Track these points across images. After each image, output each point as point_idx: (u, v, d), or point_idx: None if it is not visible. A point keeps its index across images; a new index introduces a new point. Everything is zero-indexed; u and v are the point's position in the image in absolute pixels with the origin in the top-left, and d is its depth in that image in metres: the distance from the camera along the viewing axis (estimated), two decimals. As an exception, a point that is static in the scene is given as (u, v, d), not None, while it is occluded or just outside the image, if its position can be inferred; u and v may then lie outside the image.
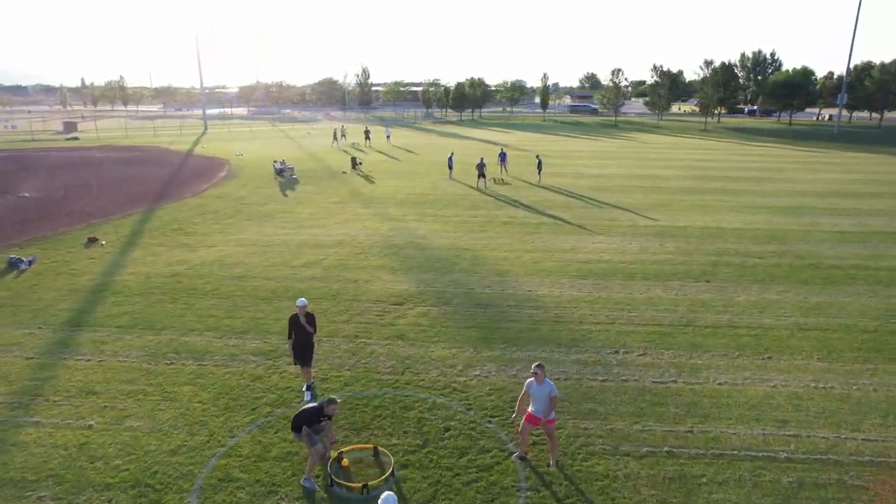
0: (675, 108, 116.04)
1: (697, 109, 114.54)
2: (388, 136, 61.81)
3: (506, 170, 39.35)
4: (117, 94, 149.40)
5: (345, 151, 51.68)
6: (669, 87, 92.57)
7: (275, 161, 37.99)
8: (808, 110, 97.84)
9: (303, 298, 10.93)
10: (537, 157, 35.97)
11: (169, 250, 20.64)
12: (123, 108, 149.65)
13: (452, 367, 12.21)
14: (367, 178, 37.30)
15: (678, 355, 12.82)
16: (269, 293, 16.37)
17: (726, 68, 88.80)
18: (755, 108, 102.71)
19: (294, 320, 10.70)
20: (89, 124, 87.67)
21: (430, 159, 46.64)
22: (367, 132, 58.38)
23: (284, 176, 36.84)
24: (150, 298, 15.91)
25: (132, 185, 34.02)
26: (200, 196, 30.86)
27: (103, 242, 21.59)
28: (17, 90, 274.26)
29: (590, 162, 46.30)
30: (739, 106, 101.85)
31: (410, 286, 16.98)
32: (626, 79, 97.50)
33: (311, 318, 10.80)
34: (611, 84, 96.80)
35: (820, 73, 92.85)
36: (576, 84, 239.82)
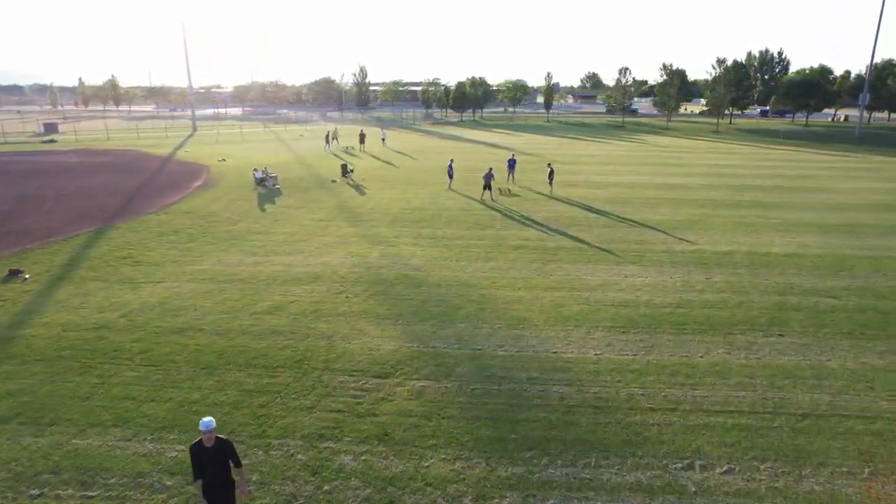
0: (680, 109, 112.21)
1: (706, 110, 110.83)
2: (383, 139, 57.85)
3: (513, 178, 35.53)
4: (109, 93, 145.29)
5: (336, 156, 47.82)
6: (679, 86, 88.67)
7: (255, 169, 34.09)
8: (821, 111, 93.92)
9: (209, 419, 6.96)
10: (549, 165, 32.11)
11: (106, 288, 16.77)
12: (115, 109, 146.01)
13: (457, 499, 8.34)
14: (358, 187, 33.43)
15: (780, 471, 8.96)
16: (214, 357, 12.51)
17: (739, 67, 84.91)
18: (768, 108, 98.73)
19: (197, 453, 6.85)
20: (72, 125, 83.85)
21: (428, 165, 42.78)
22: (361, 135, 54.47)
23: (266, 186, 32.98)
24: (55, 367, 12.05)
25: (93, 198, 30.15)
26: (166, 211, 26.99)
27: (27, 276, 17.71)
28: (13, 90, 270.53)
29: (603, 168, 42.41)
30: (752, 106, 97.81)
31: (400, 345, 13.11)
32: (633, 78, 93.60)
33: (225, 448, 6.96)
34: (618, 83, 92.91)
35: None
36: (577, 84, 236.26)
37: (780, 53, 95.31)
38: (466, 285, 17.05)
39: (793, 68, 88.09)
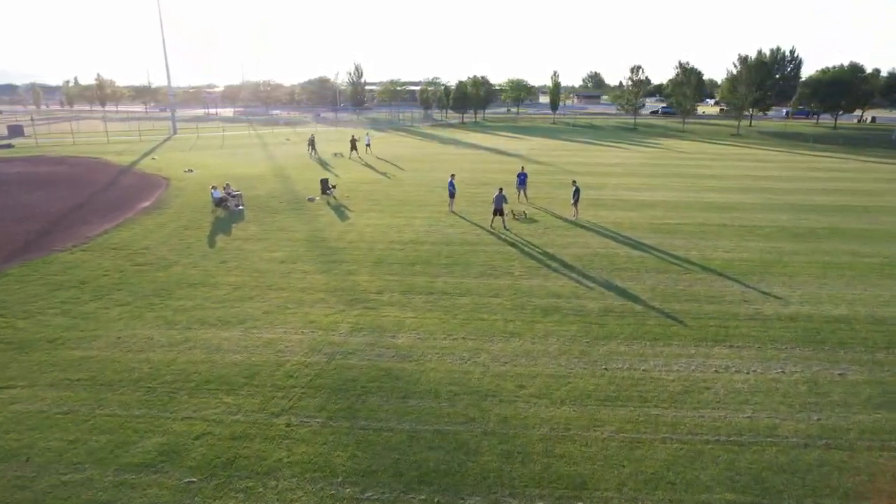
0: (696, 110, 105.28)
1: (723, 111, 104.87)
2: (367, 144, 51.28)
3: (526, 196, 29.55)
4: (95, 93, 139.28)
5: (321, 164, 41.82)
6: (697, 85, 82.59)
7: (213, 187, 27.98)
8: (852, 112, 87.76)
9: None
10: (574, 183, 26.07)
11: (-81, 398, 10.78)
12: (102, 109, 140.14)
13: None
14: (339, 209, 27.44)
15: None
16: None
17: (761, 65, 78.79)
18: (789, 109, 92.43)
19: None
20: (46, 127, 77.83)
21: (426, 177, 36.76)
22: (353, 141, 48.33)
23: (227, 207, 26.96)
24: None
25: (1, 224, 24.14)
26: (87, 246, 20.97)
27: None
28: (6, 89, 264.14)
29: (630, 182, 36.39)
30: (775, 107, 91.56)
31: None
32: (646, 77, 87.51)
33: None
34: (629, 82, 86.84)
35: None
36: (578, 83, 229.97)
37: (792, 52, 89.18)
38: (479, 394, 11.06)
39: (832, 66, 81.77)
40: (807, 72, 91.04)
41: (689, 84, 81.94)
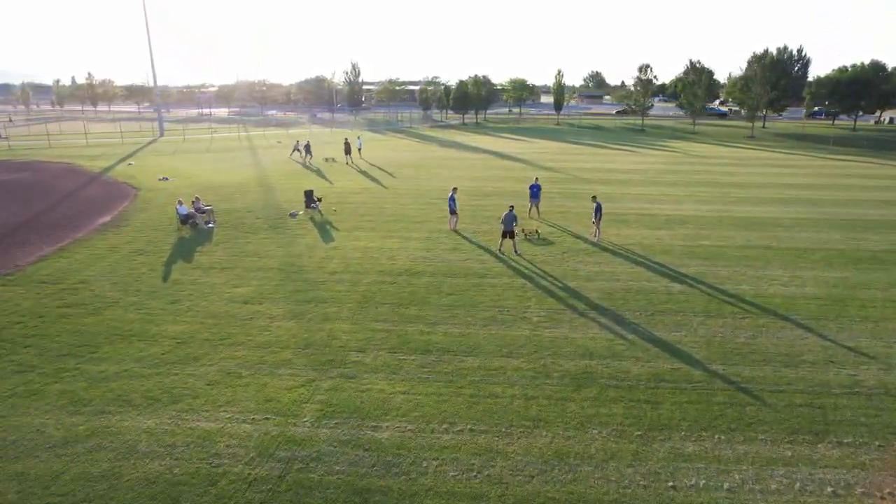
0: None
1: (731, 111, 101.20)
2: (359, 148, 46.69)
3: (538, 211, 26.02)
4: (85, 92, 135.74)
5: (311, 168, 38.25)
6: (708, 85, 78.97)
7: (179, 201, 24.33)
8: (874, 112, 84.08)
9: None
10: (594, 200, 22.43)
11: None
12: (93, 109, 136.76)
13: None
14: (324, 226, 23.89)
15: None
16: None
17: (777, 63, 75.19)
18: (815, 109, 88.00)
19: None
20: (25, 128, 74.27)
21: (424, 186, 33.17)
22: (347, 144, 44.75)
23: (195, 225, 23.39)
24: None
25: (-69, 248, 20.58)
26: (14, 277, 17.40)
27: None
28: (2, 89, 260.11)
29: (650, 191, 32.79)
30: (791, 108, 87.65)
31: None
32: (654, 76, 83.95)
33: None
34: (637, 82, 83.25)
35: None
36: (579, 83, 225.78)
37: (799, 51, 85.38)
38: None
39: (852, 64, 78.05)
40: (814, 72, 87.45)
41: (701, 84, 78.32)
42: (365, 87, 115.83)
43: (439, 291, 16.35)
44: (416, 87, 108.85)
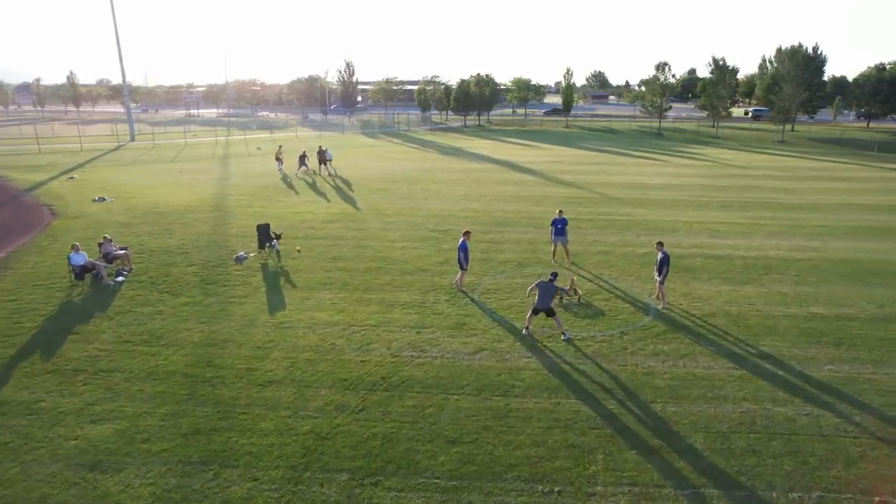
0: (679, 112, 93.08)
1: (748, 113, 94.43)
2: (329, 160, 38.20)
3: (567, 252, 19.31)
4: (68, 93, 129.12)
5: (292, 186, 31.59)
6: (734, 85, 72.30)
7: (75, 247, 17.45)
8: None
9: None
10: (659, 246, 15.54)
11: None
12: (76, 110, 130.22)
13: None
14: (276, 281, 17.25)
15: None
16: None
17: (809, 60, 68.50)
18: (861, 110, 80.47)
19: None
20: (-15, 133, 67.60)
21: (420, 209, 26.49)
22: (321, 153, 37.98)
23: (98, 278, 16.70)
24: None
25: None
26: None
27: None
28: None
29: (704, 217, 26.09)
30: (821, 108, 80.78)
31: None
32: (673, 76, 77.27)
33: None
34: (654, 81, 76.52)
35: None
36: (581, 83, 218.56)
37: (815, 49, 78.27)
38: None
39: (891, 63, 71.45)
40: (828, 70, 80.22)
41: (725, 83, 71.60)
42: (360, 86, 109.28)
43: (434, 435, 9.65)
44: (415, 87, 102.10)
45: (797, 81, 64.50)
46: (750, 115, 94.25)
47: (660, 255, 15.20)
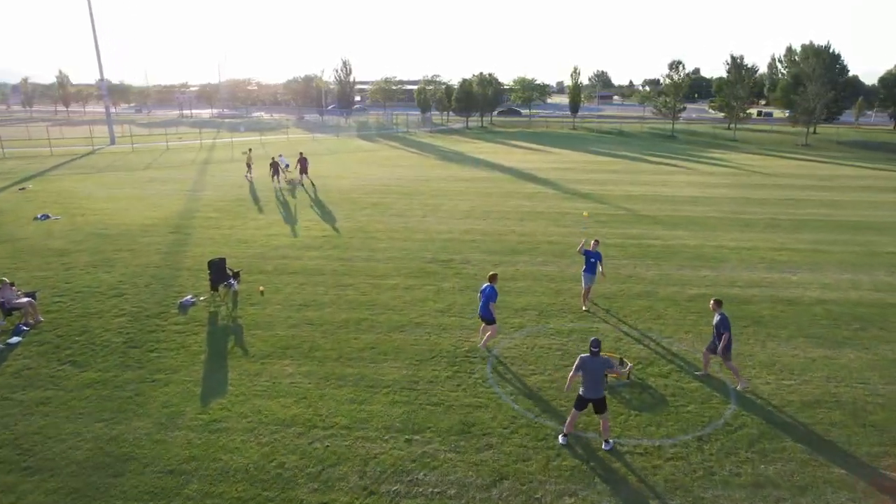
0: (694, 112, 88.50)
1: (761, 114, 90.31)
2: (286, 166, 33.54)
3: (587, 290, 15.06)
4: (57, 92, 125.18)
5: (281, 198, 27.46)
6: (752, 85, 68.10)
7: (-43, 296, 13.56)
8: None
9: None
10: (717, 307, 11.28)
11: None
12: (65, 110, 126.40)
13: None
14: (224, 341, 13.14)
15: None
16: None
17: (834, 58, 64.30)
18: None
19: None
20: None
21: (416, 231, 22.34)
22: (301, 161, 33.53)
23: (-16, 340, 12.63)
24: None
25: None
26: None
27: None
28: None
29: (754, 241, 21.92)
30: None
31: None
32: (688, 74, 73.05)
33: None
34: (668, 81, 72.34)
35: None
36: (583, 83, 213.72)
37: (827, 48, 73.78)
38: None
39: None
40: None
41: (743, 83, 67.38)
42: (358, 86, 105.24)
43: None
44: (415, 87, 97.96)
45: (823, 80, 60.24)
46: (762, 115, 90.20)
47: (716, 318, 11.05)
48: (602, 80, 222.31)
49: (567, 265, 18.41)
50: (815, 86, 60.34)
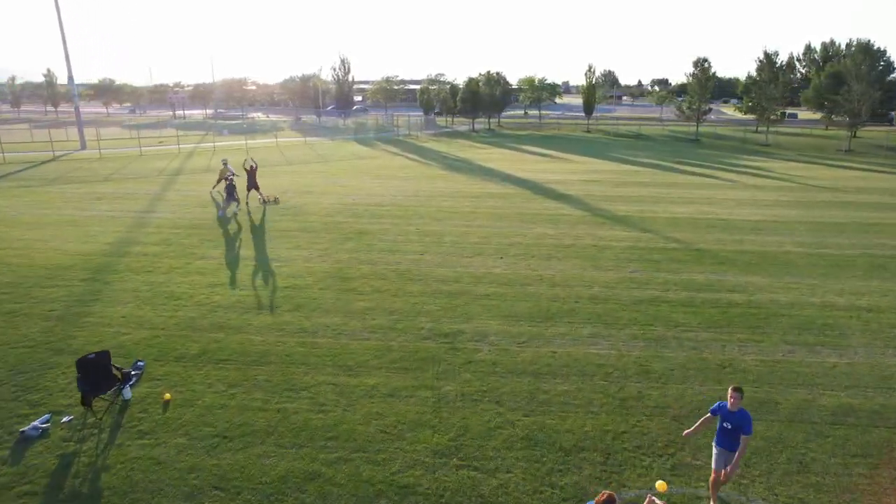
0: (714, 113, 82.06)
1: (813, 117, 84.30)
2: (231, 175, 25.53)
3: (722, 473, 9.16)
4: (46, 92, 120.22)
5: (221, 218, 21.85)
6: (786, 85, 62.15)
7: None
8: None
9: None
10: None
11: None
12: (54, 110, 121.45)
13: None
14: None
15: None
16: None
17: (878, 55, 58.33)
18: None
19: None
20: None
21: (414, 280, 16.64)
22: (251, 169, 27.16)
23: None
24: None
25: None
26: None
27: None
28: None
29: (856, 290, 16.11)
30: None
31: None
32: (714, 73, 67.13)
33: None
34: (692, 80, 66.47)
35: None
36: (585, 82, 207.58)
37: (849, 46, 67.87)
38: None
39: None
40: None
41: (777, 83, 61.41)
42: (358, 86, 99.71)
43: None
44: (417, 87, 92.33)
45: (869, 80, 54.26)
46: (785, 117, 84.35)
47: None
48: (610, 79, 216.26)
49: (625, 340, 12.68)
50: (861, 85, 54.32)
